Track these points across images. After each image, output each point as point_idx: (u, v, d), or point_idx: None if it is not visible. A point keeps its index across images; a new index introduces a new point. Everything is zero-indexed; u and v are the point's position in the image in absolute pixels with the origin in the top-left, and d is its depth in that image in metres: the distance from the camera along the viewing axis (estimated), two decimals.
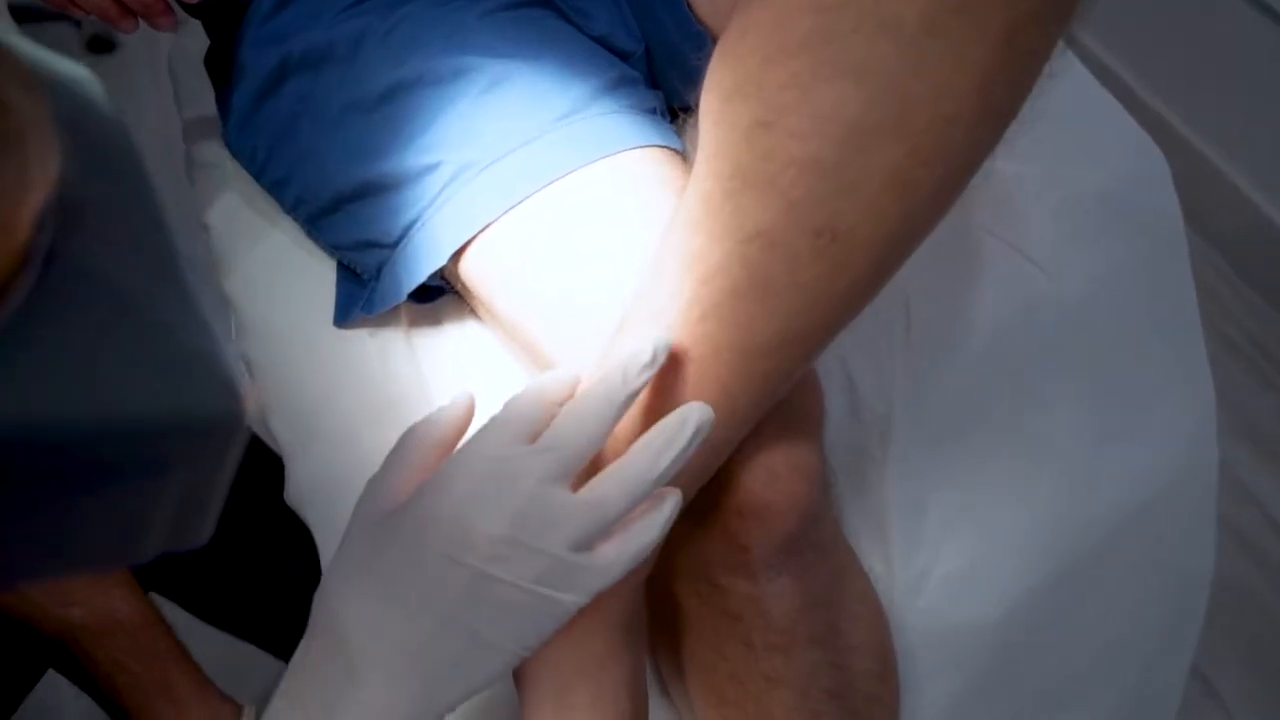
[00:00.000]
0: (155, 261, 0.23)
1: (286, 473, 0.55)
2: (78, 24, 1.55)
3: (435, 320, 0.56)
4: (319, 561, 0.53)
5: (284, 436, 0.55)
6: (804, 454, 0.45)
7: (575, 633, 0.43)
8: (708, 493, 0.44)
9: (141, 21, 0.52)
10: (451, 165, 0.47)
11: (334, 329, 0.56)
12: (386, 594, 0.38)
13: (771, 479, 0.44)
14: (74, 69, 0.26)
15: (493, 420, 0.40)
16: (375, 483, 0.41)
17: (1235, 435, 1.13)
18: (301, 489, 0.54)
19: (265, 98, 0.53)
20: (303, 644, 0.39)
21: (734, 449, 0.43)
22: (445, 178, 0.48)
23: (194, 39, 0.71)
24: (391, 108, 0.49)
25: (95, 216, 0.22)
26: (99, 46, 1.58)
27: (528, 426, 0.39)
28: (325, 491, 0.53)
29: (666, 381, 0.40)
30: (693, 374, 0.40)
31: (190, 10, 0.56)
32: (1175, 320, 0.59)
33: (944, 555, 0.58)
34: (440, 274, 0.54)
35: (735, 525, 0.45)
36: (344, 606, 0.38)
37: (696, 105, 0.40)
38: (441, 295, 0.57)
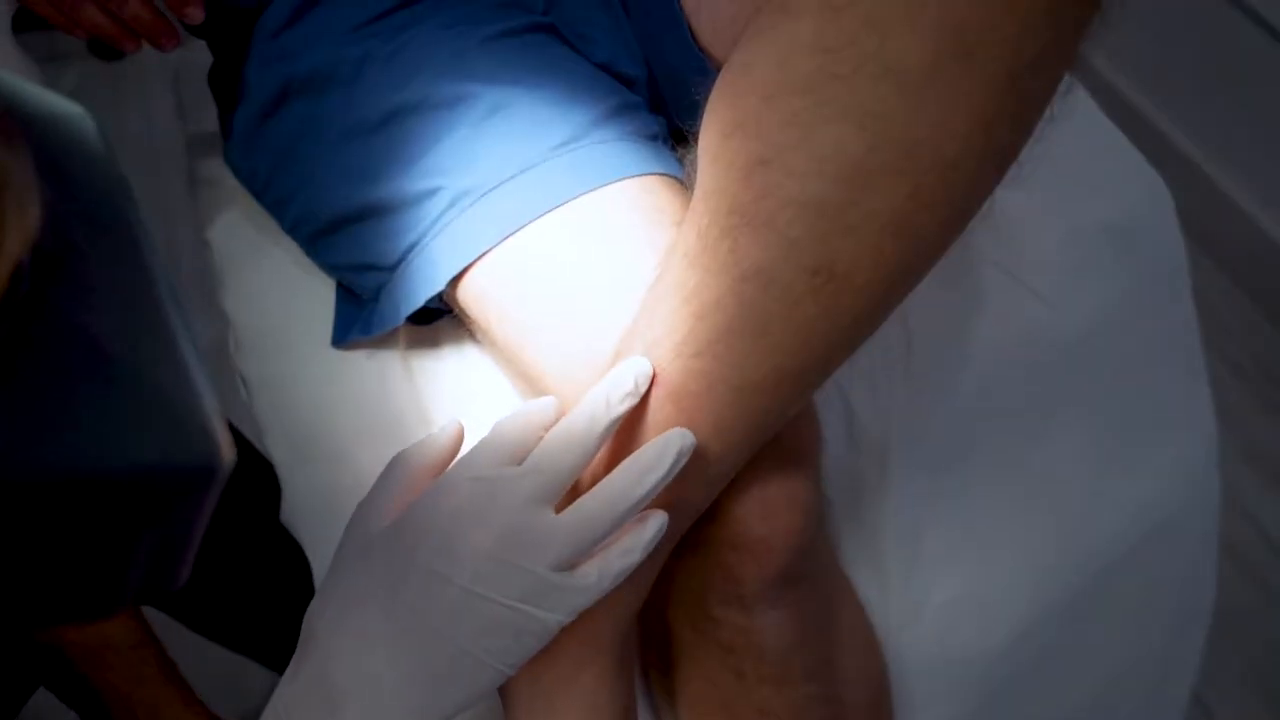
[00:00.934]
0: (138, 310, 0.23)
1: (283, 495, 0.55)
2: None
3: (433, 343, 0.56)
4: (313, 576, 0.53)
5: (279, 455, 0.55)
6: (799, 487, 0.45)
7: (566, 657, 0.43)
8: (702, 525, 0.44)
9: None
10: (450, 191, 0.47)
11: (331, 352, 0.56)
12: (376, 610, 0.38)
13: (765, 513, 0.44)
14: (66, 106, 0.26)
15: (481, 443, 0.40)
16: (364, 505, 0.42)
17: (1238, 458, 1.13)
18: (295, 507, 0.54)
19: (268, 118, 0.53)
20: (292, 664, 0.40)
21: (724, 486, 0.43)
22: (444, 203, 0.48)
23: (202, 54, 0.71)
24: (392, 131, 0.49)
25: (77, 265, 0.22)
26: (108, 52, 1.58)
27: (514, 449, 0.40)
28: (318, 511, 0.53)
29: (659, 416, 0.40)
30: (686, 409, 0.40)
31: (193, 30, 0.56)
32: (1178, 354, 0.59)
33: (940, 584, 0.58)
34: (438, 296, 0.54)
35: (729, 559, 0.44)
36: (334, 624, 0.39)
37: (696, 138, 0.40)
38: (440, 318, 0.57)
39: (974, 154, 0.34)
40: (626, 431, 0.41)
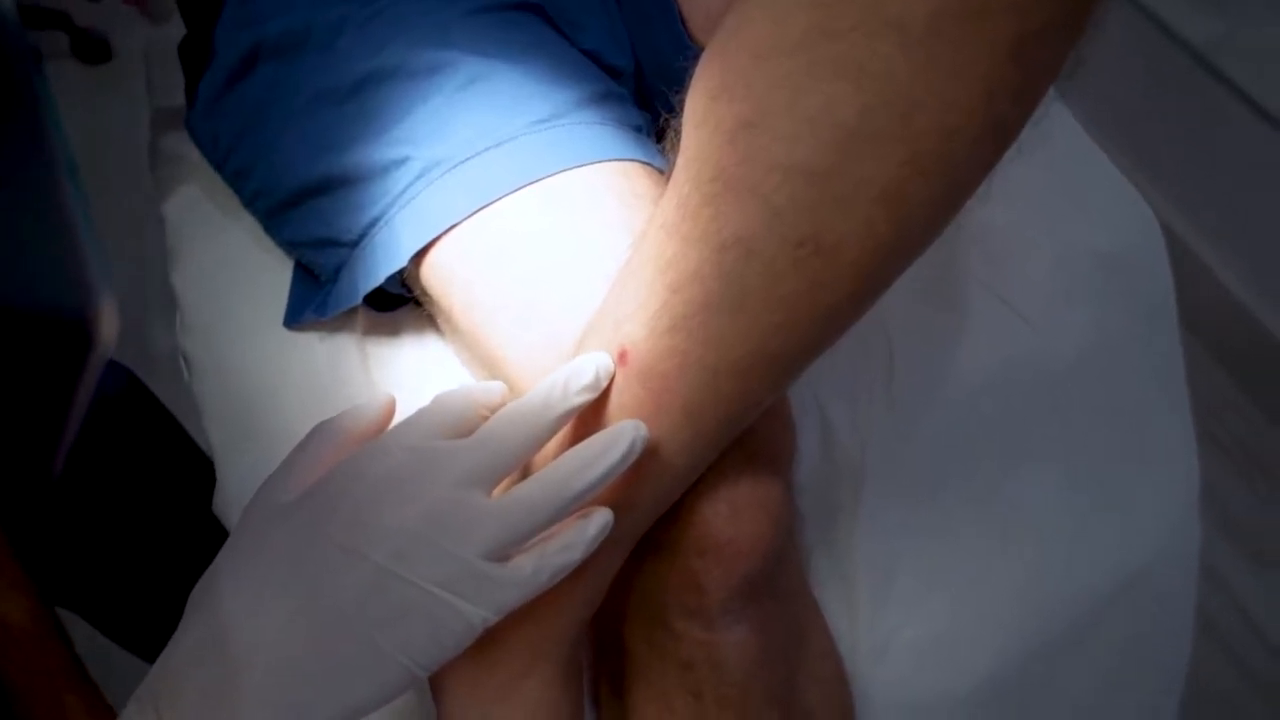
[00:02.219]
0: (26, 168, 0.21)
1: (217, 479, 0.51)
2: (68, 32, 1.54)
3: (393, 330, 0.53)
4: None
5: (217, 439, 0.51)
6: (770, 490, 0.42)
7: (508, 664, 0.40)
8: (664, 528, 0.41)
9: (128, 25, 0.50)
10: (420, 161, 0.45)
11: (282, 332, 0.52)
12: (275, 586, 0.34)
13: (734, 514, 0.41)
14: None
15: (417, 413, 0.37)
16: (274, 476, 0.38)
17: (1215, 533, 1.11)
18: (229, 496, 0.50)
19: (235, 82, 0.51)
20: (173, 641, 0.35)
21: (693, 480, 0.40)
22: (412, 174, 0.45)
23: (176, 29, 0.69)
24: (363, 98, 0.47)
25: None
26: (92, 55, 1.56)
27: (455, 424, 0.37)
28: None
29: (625, 398, 0.37)
30: (655, 390, 0.37)
31: None
32: (1163, 392, 0.57)
33: (912, 619, 0.54)
34: (401, 280, 0.51)
35: (693, 564, 0.41)
36: (226, 599, 0.34)
37: (681, 109, 0.38)
38: (401, 305, 0.54)
39: (974, 123, 0.32)
40: (586, 418, 0.38)
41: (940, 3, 0.30)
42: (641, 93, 0.55)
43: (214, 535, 0.51)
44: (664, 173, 0.47)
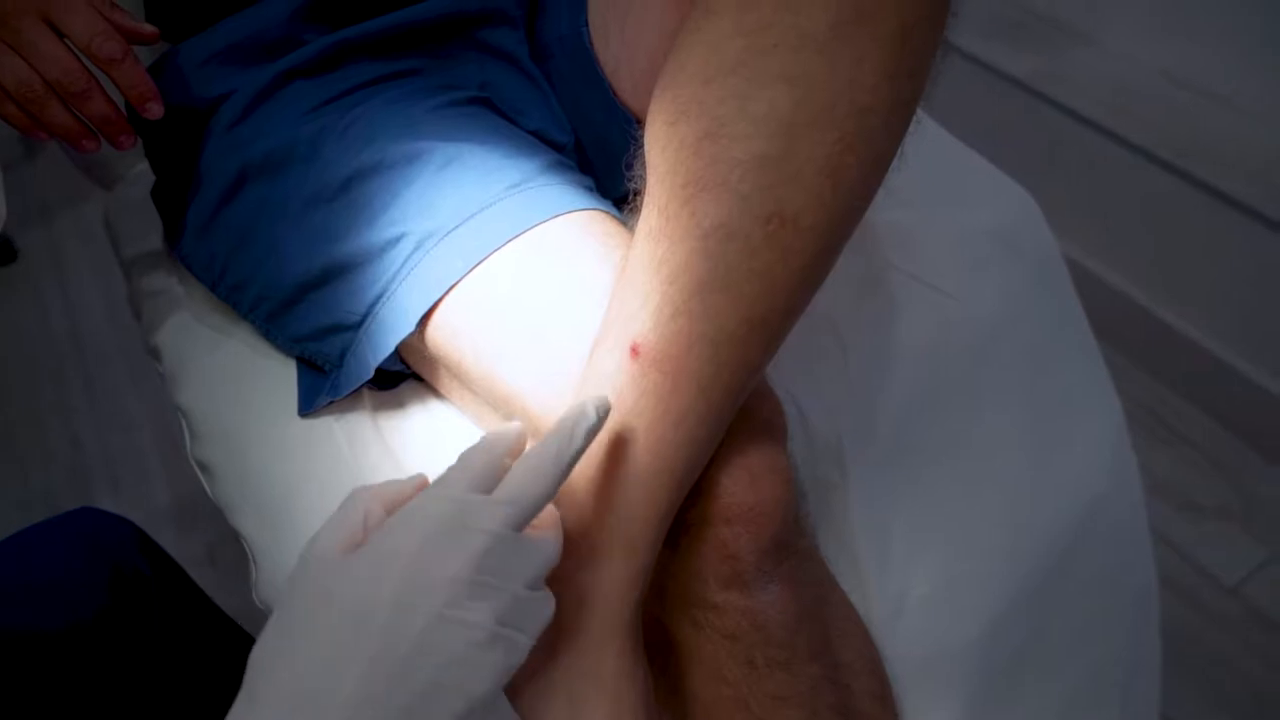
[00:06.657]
0: None
1: (256, 572, 0.53)
2: None
3: (399, 404, 0.57)
4: None
5: (252, 532, 0.54)
6: (778, 457, 0.47)
7: (586, 653, 0.43)
8: (692, 505, 0.46)
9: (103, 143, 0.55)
10: (415, 236, 0.51)
11: (297, 423, 0.56)
12: (334, 649, 0.35)
13: (752, 480, 0.46)
14: None
15: (448, 471, 0.40)
16: (321, 537, 0.39)
17: (1146, 495, 1.20)
18: (276, 581, 0.52)
19: (224, 205, 0.56)
20: (246, 698, 0.35)
21: (713, 450, 0.45)
22: (409, 248, 0.51)
23: (130, 188, 0.74)
24: (353, 194, 0.52)
25: None
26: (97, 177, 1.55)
27: (482, 478, 0.39)
28: None
29: (646, 384, 0.43)
30: (670, 372, 0.43)
31: (145, 135, 0.59)
32: (1072, 335, 0.66)
33: (917, 578, 0.60)
34: (400, 358, 0.56)
35: (723, 534, 0.46)
36: (285, 667, 0.35)
37: (629, 168, 0.46)
38: (401, 381, 0.58)
39: (883, 101, 0.40)
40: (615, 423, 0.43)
41: (837, 14, 0.39)
42: (583, 165, 0.63)
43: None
44: (621, 220, 0.54)
